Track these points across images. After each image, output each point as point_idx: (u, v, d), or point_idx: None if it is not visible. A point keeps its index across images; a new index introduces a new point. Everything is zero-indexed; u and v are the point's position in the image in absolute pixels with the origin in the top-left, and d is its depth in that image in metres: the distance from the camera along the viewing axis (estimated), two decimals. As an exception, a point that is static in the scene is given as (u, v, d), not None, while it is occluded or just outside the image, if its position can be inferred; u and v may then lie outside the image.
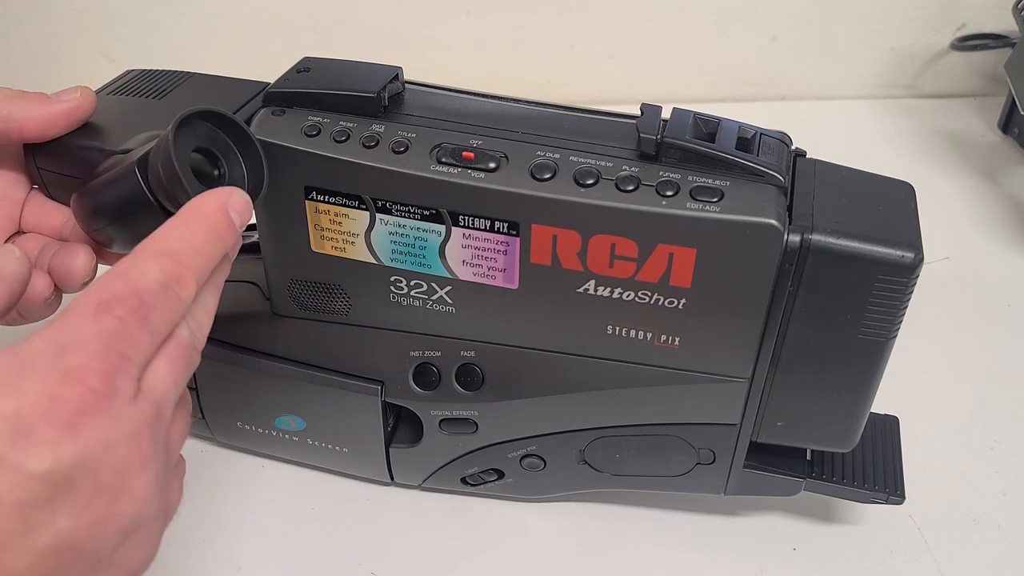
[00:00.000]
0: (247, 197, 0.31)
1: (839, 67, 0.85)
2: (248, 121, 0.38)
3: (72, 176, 0.36)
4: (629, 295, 0.36)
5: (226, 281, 0.44)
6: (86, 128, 0.39)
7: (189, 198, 0.31)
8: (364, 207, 0.37)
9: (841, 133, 0.80)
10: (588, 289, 0.36)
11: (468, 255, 0.37)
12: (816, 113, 0.84)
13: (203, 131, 0.33)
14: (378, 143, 0.36)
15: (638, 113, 0.36)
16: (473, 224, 0.36)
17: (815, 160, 0.37)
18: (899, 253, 0.33)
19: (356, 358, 0.41)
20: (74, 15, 0.79)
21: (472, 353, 0.40)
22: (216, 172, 0.34)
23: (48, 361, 0.24)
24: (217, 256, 0.29)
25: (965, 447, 0.50)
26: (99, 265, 0.37)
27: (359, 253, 0.38)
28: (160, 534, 0.27)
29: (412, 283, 0.39)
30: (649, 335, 0.37)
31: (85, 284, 0.36)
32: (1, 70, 0.81)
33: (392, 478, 0.45)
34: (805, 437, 0.39)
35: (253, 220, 0.33)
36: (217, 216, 0.29)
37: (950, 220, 0.69)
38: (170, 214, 0.32)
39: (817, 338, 0.35)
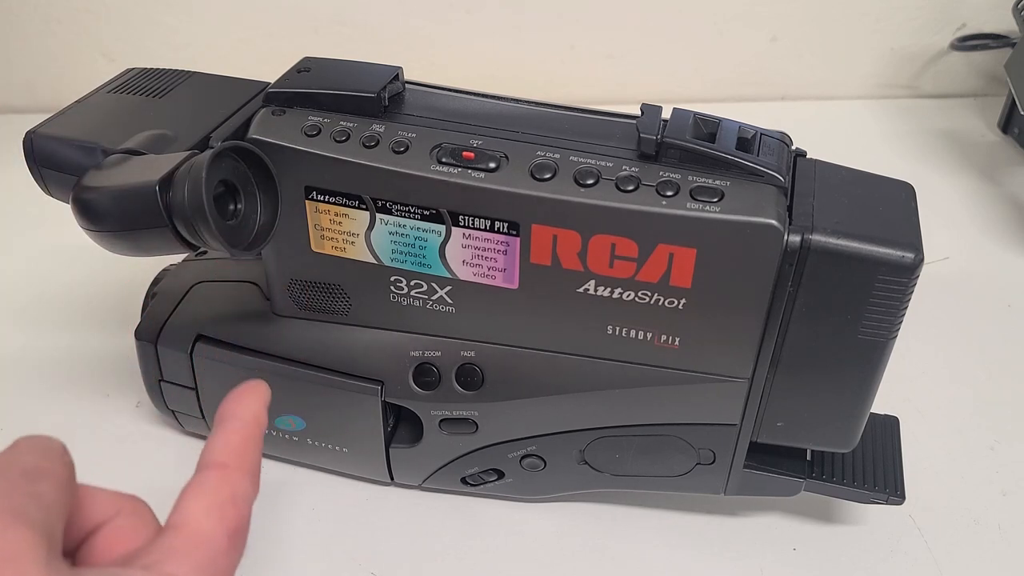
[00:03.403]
0: (269, 392, 0.31)
1: (839, 67, 0.85)
2: (248, 121, 0.38)
3: (73, 176, 0.36)
4: (629, 295, 0.36)
5: (226, 281, 0.44)
6: (87, 126, 0.39)
7: (210, 230, 0.31)
8: (364, 207, 0.37)
9: (841, 133, 0.80)
10: (588, 289, 0.36)
11: (468, 255, 0.37)
12: (816, 113, 0.84)
13: (229, 164, 0.33)
14: (378, 143, 0.36)
15: (638, 113, 0.36)
16: (473, 224, 0.36)
17: (815, 160, 0.37)
18: (899, 253, 0.33)
19: (356, 358, 0.41)
20: (74, 15, 0.79)
21: (472, 353, 0.40)
22: (232, 207, 0.34)
23: None
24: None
25: (965, 447, 0.50)
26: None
27: (359, 253, 0.38)
28: None
29: (412, 283, 0.39)
30: (649, 335, 0.37)
31: None
32: (1, 70, 0.81)
33: (392, 478, 0.45)
34: (805, 437, 0.39)
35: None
36: (264, 419, 0.31)
37: (950, 220, 0.69)
38: (181, 236, 0.32)
39: (817, 338, 0.35)
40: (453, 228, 0.36)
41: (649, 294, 0.36)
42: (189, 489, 0.27)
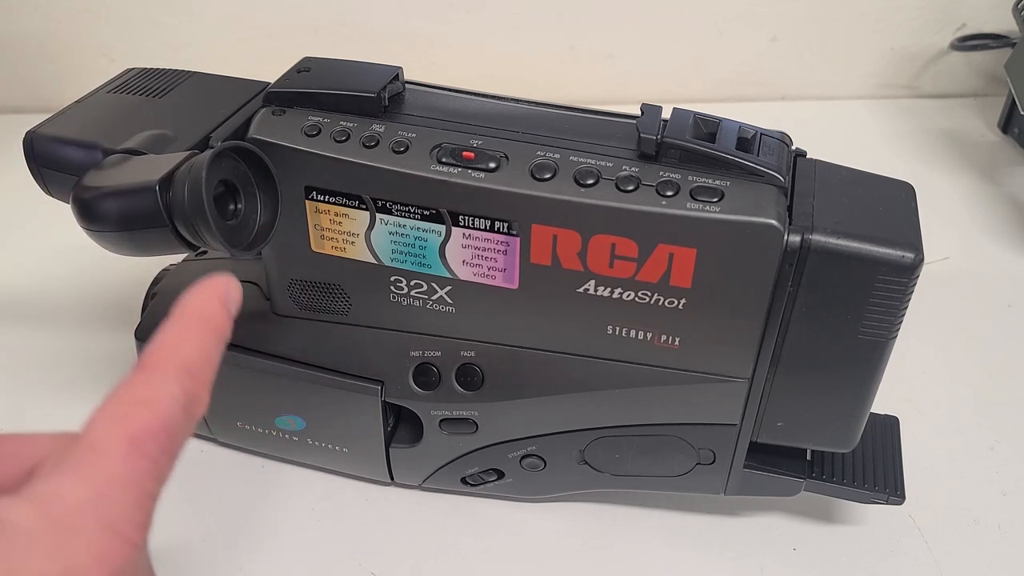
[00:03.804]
0: (239, 286, 0.29)
1: (839, 67, 0.85)
2: (248, 121, 0.38)
3: (73, 176, 0.36)
4: (629, 295, 0.36)
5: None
6: (87, 126, 0.39)
7: (210, 230, 0.31)
8: (364, 207, 0.37)
9: (841, 133, 0.80)
10: (588, 289, 0.36)
11: (468, 255, 0.37)
12: (816, 113, 0.84)
13: (230, 164, 0.33)
14: (378, 143, 0.36)
15: (638, 113, 0.36)
16: (473, 224, 0.36)
17: (815, 160, 0.37)
18: (899, 253, 0.33)
19: (356, 358, 0.41)
20: (74, 15, 0.79)
21: (472, 353, 0.40)
22: (232, 207, 0.34)
23: (91, 518, 0.22)
24: (218, 358, 0.28)
25: (965, 447, 0.50)
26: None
27: (359, 253, 0.38)
28: None
29: (412, 283, 0.39)
30: (649, 335, 0.37)
31: None
32: (1, 70, 0.81)
33: (392, 478, 0.45)
34: (805, 437, 0.39)
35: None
36: (221, 317, 0.28)
37: (950, 220, 0.69)
38: (181, 236, 0.32)
39: (817, 338, 0.35)
40: (453, 228, 0.36)
41: (649, 294, 0.36)
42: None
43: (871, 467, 0.42)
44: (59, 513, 0.22)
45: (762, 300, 0.35)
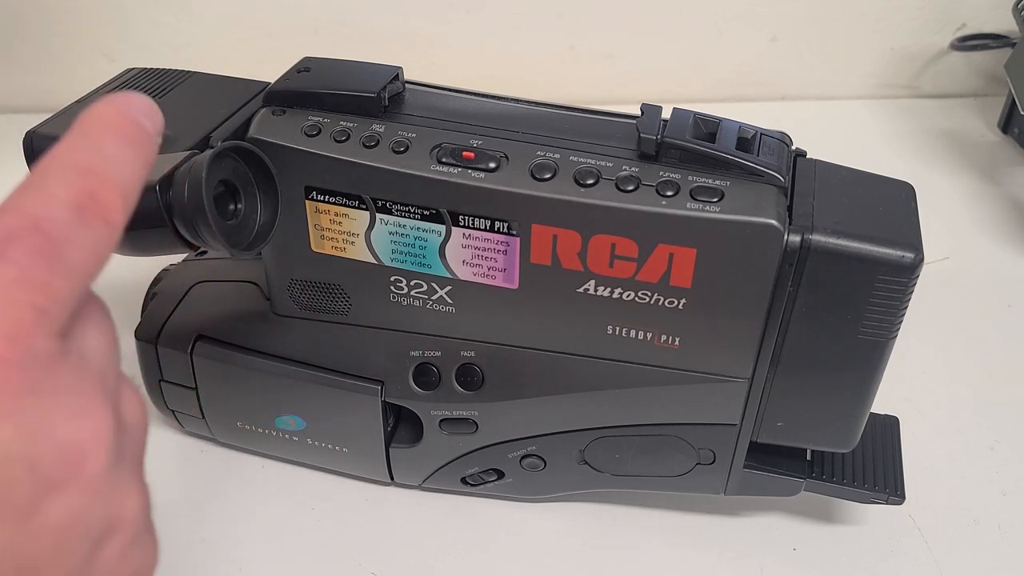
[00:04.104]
0: (149, 100, 0.25)
1: (839, 67, 0.85)
2: (248, 121, 0.38)
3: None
4: (629, 295, 0.36)
5: (226, 281, 0.44)
6: None
7: (210, 230, 0.31)
8: (364, 207, 0.37)
9: (841, 133, 0.80)
10: (588, 289, 0.36)
11: (468, 255, 0.37)
12: (816, 113, 0.84)
13: (229, 164, 0.33)
14: (378, 143, 0.36)
15: (638, 113, 0.36)
16: (473, 224, 0.36)
17: (815, 160, 0.37)
18: (899, 253, 0.33)
19: (356, 358, 0.41)
20: (74, 15, 0.79)
21: (472, 353, 0.40)
22: (232, 207, 0.34)
23: None
24: (139, 168, 0.23)
25: (965, 447, 0.50)
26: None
27: (359, 253, 0.38)
28: (151, 523, 0.23)
29: (412, 283, 0.38)
30: (649, 335, 0.37)
31: None
32: (2, 70, 0.81)
33: (392, 478, 0.45)
34: (805, 437, 0.39)
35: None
36: (123, 121, 0.23)
37: (950, 220, 0.69)
38: (181, 236, 0.32)
39: (817, 338, 0.35)
40: (453, 228, 0.36)
41: (649, 294, 0.36)
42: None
43: (871, 467, 0.42)
44: None
45: (762, 300, 0.35)
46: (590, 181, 0.34)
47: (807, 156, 0.38)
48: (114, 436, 0.20)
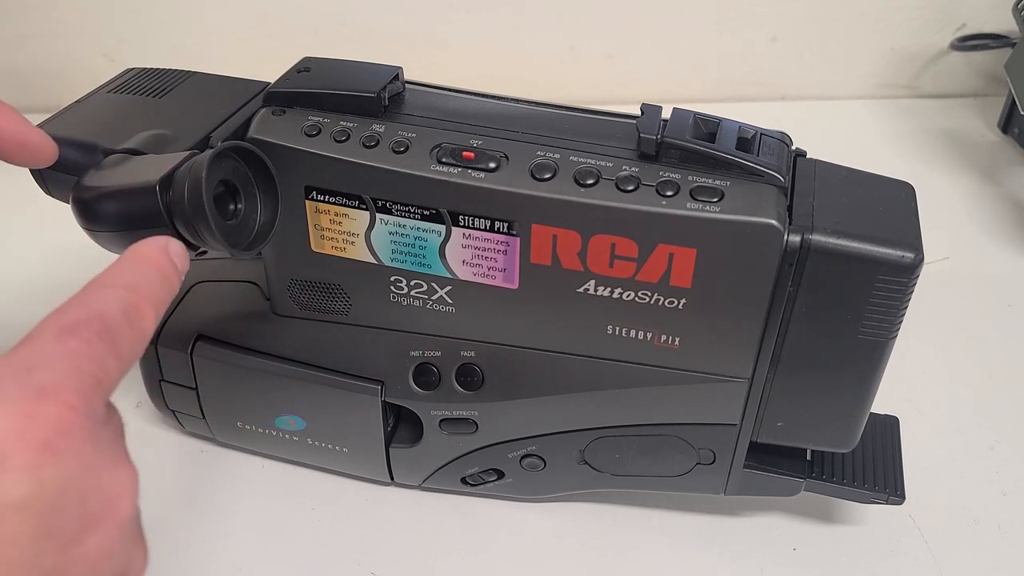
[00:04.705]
0: (182, 245, 0.30)
1: (839, 67, 0.85)
2: (248, 121, 0.38)
3: (73, 176, 0.36)
4: (629, 295, 0.36)
5: (226, 281, 0.44)
6: (87, 126, 0.39)
7: (210, 230, 0.31)
8: (364, 207, 0.37)
9: (841, 133, 0.80)
10: (588, 289, 0.36)
11: (468, 255, 0.37)
12: (816, 113, 0.84)
13: (229, 164, 0.33)
14: (378, 143, 0.36)
15: (638, 113, 0.36)
16: (473, 224, 0.36)
17: (815, 160, 0.37)
18: (899, 253, 0.33)
19: (356, 358, 0.41)
20: (74, 15, 0.79)
21: (472, 353, 0.40)
22: (232, 207, 0.34)
23: (15, 382, 0.22)
24: (166, 296, 0.28)
25: (965, 447, 0.50)
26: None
27: (359, 253, 0.38)
28: None
29: (412, 283, 0.38)
30: (649, 335, 0.37)
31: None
32: (2, 70, 0.81)
33: (392, 478, 0.45)
34: (805, 437, 0.39)
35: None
36: (161, 258, 0.29)
37: (950, 220, 0.69)
38: (181, 236, 0.32)
39: (817, 338, 0.35)
40: (453, 228, 0.36)
41: (649, 294, 0.36)
42: None
43: (871, 467, 0.42)
44: None
45: (762, 300, 0.35)
46: (590, 181, 0.34)
47: (807, 156, 0.38)
48: (137, 491, 0.24)
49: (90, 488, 0.22)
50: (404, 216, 0.36)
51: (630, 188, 0.34)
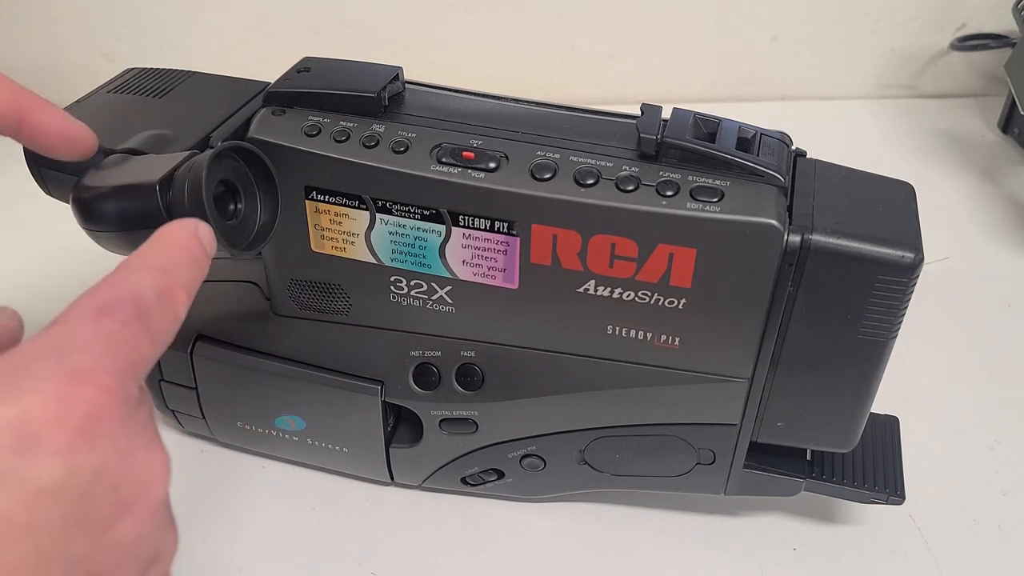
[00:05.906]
0: (211, 229, 0.30)
1: (839, 67, 0.85)
2: (248, 121, 0.38)
3: (73, 176, 0.36)
4: (629, 295, 0.36)
5: (226, 281, 0.44)
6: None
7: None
8: (364, 207, 0.37)
9: (841, 133, 0.80)
10: (588, 289, 0.36)
11: (468, 255, 0.37)
12: (816, 113, 0.84)
13: (230, 165, 0.33)
14: (378, 143, 0.36)
15: (638, 113, 0.36)
16: (473, 224, 0.36)
17: (815, 160, 0.37)
18: (899, 253, 0.33)
19: (356, 358, 0.41)
20: (74, 15, 0.79)
21: (472, 353, 0.40)
22: (232, 207, 0.34)
23: (50, 363, 0.21)
24: (197, 280, 0.27)
25: (965, 447, 0.50)
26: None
27: (359, 253, 0.38)
28: (170, 568, 0.25)
29: (412, 283, 0.39)
30: (649, 335, 0.37)
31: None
32: (2, 70, 0.81)
33: (392, 478, 0.45)
34: (805, 437, 0.39)
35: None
36: (192, 241, 0.28)
37: (950, 220, 0.69)
38: None
39: (817, 338, 0.35)
40: (453, 228, 0.36)
41: (649, 294, 0.36)
42: None
43: (871, 467, 0.42)
44: (14, 363, 0.21)
45: (762, 300, 0.35)
46: (590, 181, 0.34)
47: (807, 156, 0.38)
48: (170, 475, 0.24)
49: (124, 473, 0.22)
50: (404, 216, 0.36)
51: (630, 188, 0.34)
